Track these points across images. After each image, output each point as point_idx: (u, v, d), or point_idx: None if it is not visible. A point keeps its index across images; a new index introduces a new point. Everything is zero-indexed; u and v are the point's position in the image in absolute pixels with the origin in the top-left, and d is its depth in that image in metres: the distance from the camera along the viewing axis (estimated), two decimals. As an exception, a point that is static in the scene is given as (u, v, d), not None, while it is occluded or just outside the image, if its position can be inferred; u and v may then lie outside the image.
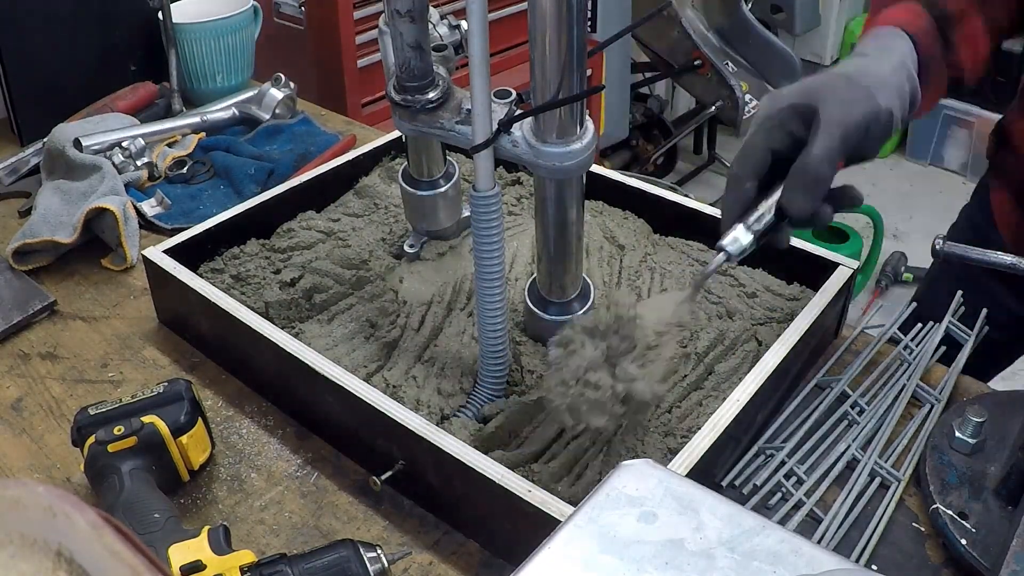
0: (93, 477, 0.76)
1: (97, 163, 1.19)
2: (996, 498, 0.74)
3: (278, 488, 0.81)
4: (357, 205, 1.14)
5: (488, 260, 0.79)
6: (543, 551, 0.49)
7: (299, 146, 1.32)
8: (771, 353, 0.82)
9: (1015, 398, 0.84)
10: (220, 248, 1.05)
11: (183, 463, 0.79)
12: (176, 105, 1.45)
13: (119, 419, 0.77)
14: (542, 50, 0.69)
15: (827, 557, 0.48)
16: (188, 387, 0.80)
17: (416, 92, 0.79)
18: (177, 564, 0.66)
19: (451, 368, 0.88)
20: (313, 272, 0.99)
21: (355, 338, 0.92)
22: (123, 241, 1.10)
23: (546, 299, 0.87)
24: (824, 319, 0.89)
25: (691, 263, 1.02)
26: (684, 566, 0.48)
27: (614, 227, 1.06)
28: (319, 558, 0.68)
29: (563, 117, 0.73)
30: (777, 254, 0.96)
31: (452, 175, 1.00)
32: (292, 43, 2.01)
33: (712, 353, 0.88)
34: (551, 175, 0.76)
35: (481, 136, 0.74)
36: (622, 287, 0.97)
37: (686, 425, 0.81)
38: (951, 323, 0.93)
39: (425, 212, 1.01)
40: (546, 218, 0.81)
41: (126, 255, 1.10)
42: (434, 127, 0.80)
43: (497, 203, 0.77)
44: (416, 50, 0.77)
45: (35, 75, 1.37)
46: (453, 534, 0.77)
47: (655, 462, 0.55)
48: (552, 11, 0.66)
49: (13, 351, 0.99)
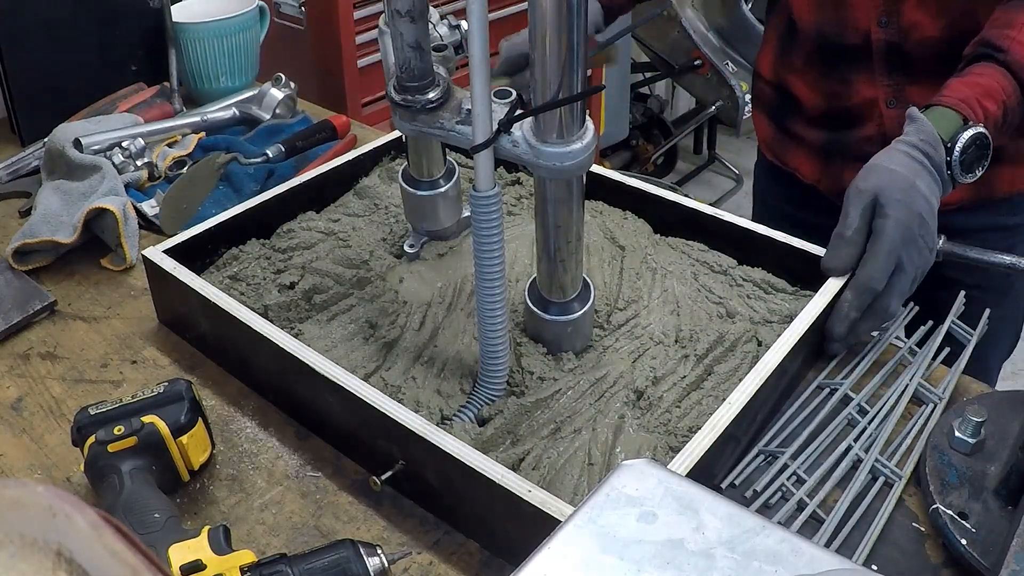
0: (93, 477, 0.76)
1: (97, 163, 1.19)
2: (996, 498, 0.74)
3: (278, 488, 0.81)
4: (357, 205, 1.14)
5: (488, 260, 0.79)
6: (543, 551, 0.49)
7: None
8: (771, 353, 0.82)
9: (1015, 398, 0.84)
10: (220, 248, 1.05)
11: (183, 463, 0.79)
12: (176, 105, 1.45)
13: (119, 419, 0.77)
14: (542, 50, 0.69)
15: (827, 557, 0.48)
16: (188, 387, 0.80)
17: (416, 92, 0.79)
18: (177, 564, 0.66)
19: (451, 369, 0.88)
20: (313, 272, 0.99)
21: (354, 339, 0.92)
22: (123, 242, 1.10)
23: (546, 299, 0.87)
24: (824, 319, 0.89)
25: (692, 263, 1.02)
26: (684, 566, 0.48)
27: (614, 227, 1.06)
28: (319, 558, 0.68)
29: (563, 117, 0.72)
30: (778, 254, 0.97)
31: (452, 175, 1.00)
32: (292, 43, 2.01)
33: (712, 354, 0.88)
34: (551, 175, 0.76)
35: (481, 136, 0.74)
36: (623, 288, 0.97)
37: (686, 425, 0.81)
38: (953, 323, 0.93)
39: (425, 212, 1.01)
40: (546, 218, 0.81)
41: (125, 255, 1.10)
42: (434, 127, 0.80)
43: (497, 203, 0.77)
44: (416, 50, 0.77)
45: (35, 75, 1.37)
46: (453, 534, 0.77)
47: (655, 462, 0.55)
48: (552, 11, 0.66)
49: (13, 351, 0.99)
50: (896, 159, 0.88)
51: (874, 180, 0.87)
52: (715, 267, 1.00)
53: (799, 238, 0.97)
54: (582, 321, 0.87)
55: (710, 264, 1.01)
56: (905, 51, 1.07)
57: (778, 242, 0.97)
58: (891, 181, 0.86)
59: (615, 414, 0.81)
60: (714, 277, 1.00)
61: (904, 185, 0.86)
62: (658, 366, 0.87)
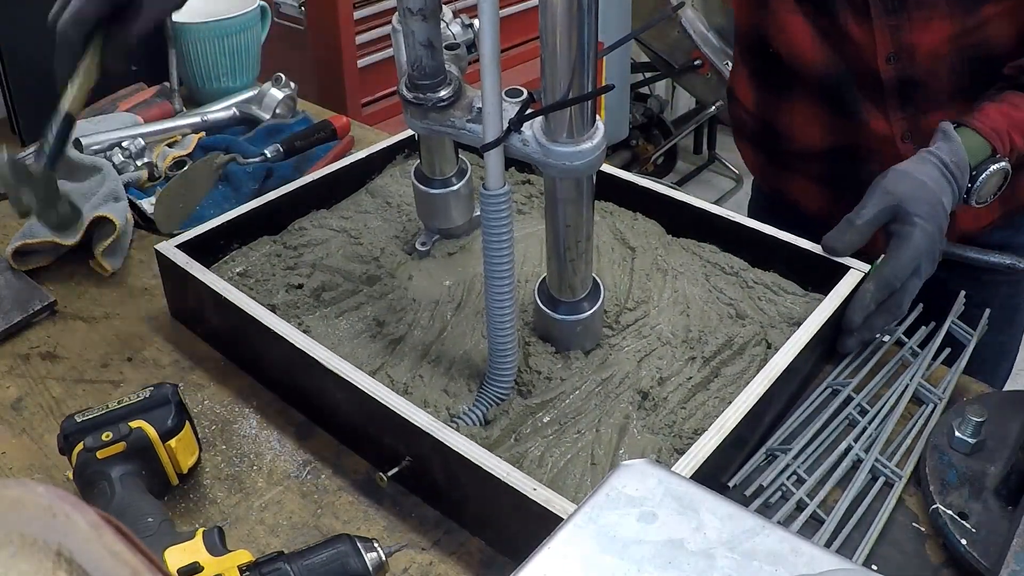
0: (83, 484, 0.75)
1: (97, 164, 1.18)
2: (996, 498, 0.74)
3: (278, 488, 0.81)
4: (370, 203, 1.14)
5: (498, 258, 0.79)
6: (543, 551, 0.49)
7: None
8: (780, 355, 0.82)
9: (1015, 398, 0.84)
10: (232, 244, 1.05)
11: (172, 467, 0.79)
12: (176, 105, 1.45)
13: (106, 425, 0.76)
14: (552, 50, 0.69)
15: (827, 557, 0.48)
16: (175, 391, 0.80)
17: (428, 90, 0.79)
18: (174, 567, 0.65)
19: (459, 368, 0.88)
20: (324, 270, 0.99)
21: (361, 336, 0.92)
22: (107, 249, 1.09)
23: (556, 299, 0.87)
24: (834, 322, 0.89)
25: (704, 265, 1.01)
26: (684, 566, 0.48)
27: (624, 228, 1.05)
28: (317, 554, 0.68)
29: (573, 117, 0.73)
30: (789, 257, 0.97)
31: (464, 174, 1.00)
32: (292, 43, 2.01)
33: (720, 356, 0.88)
34: (561, 175, 0.76)
35: (491, 135, 0.74)
36: (633, 289, 0.97)
37: (691, 427, 0.81)
38: (953, 323, 0.93)
39: (437, 210, 1.01)
40: (556, 218, 0.80)
41: (104, 266, 1.09)
42: (445, 125, 0.80)
43: (507, 202, 0.77)
44: (428, 48, 0.78)
45: (35, 75, 1.37)
46: (454, 533, 0.77)
47: (655, 462, 0.55)
48: (563, 11, 0.66)
49: (13, 351, 0.99)
50: (927, 172, 0.91)
51: (904, 188, 0.90)
52: (727, 269, 1.00)
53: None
54: (592, 321, 0.87)
55: (722, 266, 1.00)
56: (919, 82, 1.02)
57: (789, 244, 0.97)
58: (921, 193, 0.90)
59: (620, 414, 0.81)
60: (725, 279, 0.99)
61: (932, 200, 0.89)
62: (664, 367, 0.87)
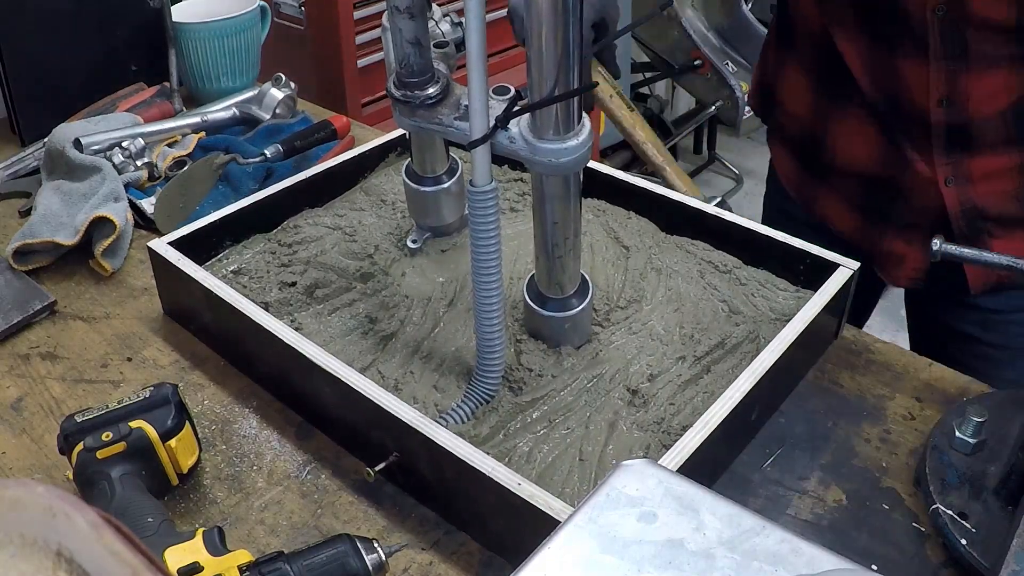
0: (83, 484, 0.75)
1: (97, 164, 1.18)
2: (996, 498, 0.74)
3: (278, 488, 0.81)
4: (364, 201, 1.14)
5: (485, 254, 0.79)
6: (543, 551, 0.49)
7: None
8: (767, 352, 0.82)
9: (1015, 398, 0.84)
10: (225, 242, 1.06)
11: (172, 467, 0.79)
12: (176, 105, 1.45)
13: (106, 425, 0.76)
14: (538, 47, 0.69)
15: (827, 557, 0.48)
16: (174, 391, 0.80)
17: (415, 88, 0.79)
18: (174, 567, 0.65)
19: (449, 365, 0.89)
20: (318, 267, 0.99)
21: (352, 333, 0.93)
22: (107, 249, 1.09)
23: (544, 295, 0.87)
24: (822, 319, 0.89)
25: (698, 263, 1.01)
26: (684, 566, 0.48)
27: (618, 227, 1.06)
28: (317, 554, 0.68)
29: (559, 114, 0.73)
30: (781, 255, 0.97)
31: (455, 172, 1.00)
32: (292, 43, 2.01)
33: (712, 354, 0.88)
34: (548, 171, 0.77)
35: (478, 132, 0.74)
36: (625, 287, 0.97)
37: (679, 423, 0.81)
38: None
39: (428, 208, 1.01)
40: (544, 215, 0.81)
41: (104, 266, 1.10)
42: (433, 123, 0.80)
43: (494, 198, 0.77)
44: (415, 46, 0.78)
45: (35, 75, 1.37)
46: (453, 534, 0.77)
47: (655, 462, 0.55)
48: (548, 8, 0.67)
49: (13, 351, 0.99)
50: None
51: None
52: (720, 267, 1.00)
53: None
54: (580, 317, 0.87)
55: (715, 264, 1.01)
56: (968, 129, 0.97)
57: (782, 243, 0.97)
58: None
59: (610, 411, 0.82)
60: (719, 276, 0.99)
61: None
62: (655, 364, 0.87)
